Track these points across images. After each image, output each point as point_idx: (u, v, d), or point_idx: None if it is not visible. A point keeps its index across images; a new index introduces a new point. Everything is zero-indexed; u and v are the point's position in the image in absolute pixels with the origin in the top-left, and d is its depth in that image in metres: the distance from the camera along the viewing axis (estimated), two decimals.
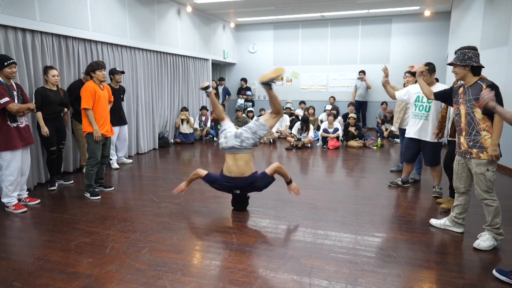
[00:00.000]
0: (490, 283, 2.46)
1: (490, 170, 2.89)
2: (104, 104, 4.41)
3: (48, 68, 4.52)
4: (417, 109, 4.32)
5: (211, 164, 6.50)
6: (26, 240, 3.24)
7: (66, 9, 5.17)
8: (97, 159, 4.32)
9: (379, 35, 10.38)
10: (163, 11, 7.66)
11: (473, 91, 2.90)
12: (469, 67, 2.89)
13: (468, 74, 2.92)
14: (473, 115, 2.91)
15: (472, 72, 2.91)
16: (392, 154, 7.16)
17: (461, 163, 3.11)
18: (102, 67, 4.33)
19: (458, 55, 2.95)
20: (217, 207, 4.02)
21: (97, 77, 4.31)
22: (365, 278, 2.52)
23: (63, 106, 4.70)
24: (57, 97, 4.57)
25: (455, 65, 2.96)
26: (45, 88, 4.51)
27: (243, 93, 11.25)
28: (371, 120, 10.64)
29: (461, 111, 3.02)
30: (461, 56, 2.92)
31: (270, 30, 11.35)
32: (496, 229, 2.94)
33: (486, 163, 2.88)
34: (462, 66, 2.91)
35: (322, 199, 4.24)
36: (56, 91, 4.59)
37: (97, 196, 4.29)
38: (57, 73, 4.55)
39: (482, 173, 2.90)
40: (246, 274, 2.58)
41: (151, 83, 7.35)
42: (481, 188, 2.92)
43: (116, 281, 2.49)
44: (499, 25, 5.85)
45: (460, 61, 2.91)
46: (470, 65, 2.88)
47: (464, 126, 2.99)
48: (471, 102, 2.91)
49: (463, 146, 3.02)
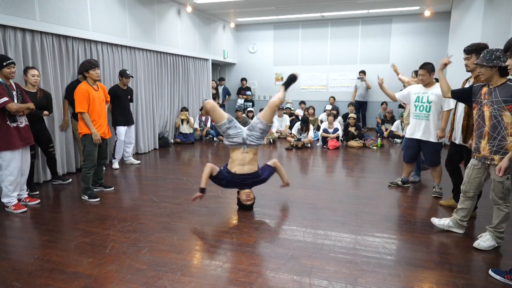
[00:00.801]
0: (490, 283, 2.46)
1: (510, 178, 2.64)
2: (100, 105, 4.28)
3: (28, 68, 4.31)
4: (417, 109, 4.30)
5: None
6: (26, 240, 3.24)
7: (66, 9, 5.17)
8: (94, 161, 4.25)
9: (379, 35, 10.38)
10: (163, 11, 7.66)
11: (502, 92, 2.68)
12: (497, 68, 2.70)
13: (495, 75, 2.73)
14: (500, 119, 2.70)
15: (499, 73, 2.72)
16: (392, 154, 7.16)
17: (477, 168, 2.94)
18: (95, 66, 4.19)
19: (484, 55, 2.76)
20: (217, 207, 4.02)
21: (91, 76, 4.17)
22: (365, 278, 2.51)
23: (42, 109, 4.42)
24: (34, 100, 4.22)
25: (481, 65, 2.76)
26: (24, 90, 4.12)
27: (243, 93, 11.25)
28: (371, 120, 10.64)
29: (484, 113, 2.79)
30: (487, 55, 2.73)
31: (270, 30, 11.35)
32: (499, 233, 2.91)
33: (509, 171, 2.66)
34: (489, 66, 2.71)
35: (322, 199, 4.24)
36: (34, 93, 4.33)
37: (95, 198, 4.23)
38: (37, 73, 4.35)
39: (501, 182, 2.75)
40: (246, 274, 2.57)
41: (151, 83, 7.35)
42: (497, 195, 2.82)
43: (116, 281, 2.48)
44: (499, 25, 5.84)
45: (487, 61, 2.72)
46: (498, 66, 2.68)
47: (488, 130, 2.77)
48: (500, 104, 2.68)
49: (484, 151, 2.82)
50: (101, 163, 4.53)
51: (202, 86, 9.52)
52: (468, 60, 3.38)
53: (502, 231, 2.90)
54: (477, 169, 2.96)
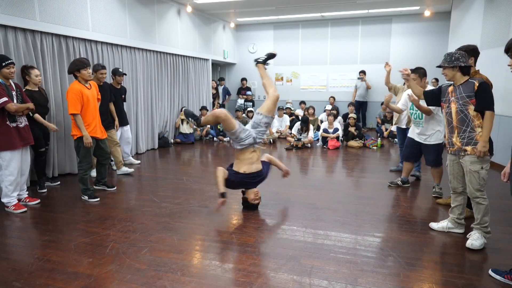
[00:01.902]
0: (490, 283, 2.46)
1: (484, 168, 2.91)
2: (94, 105, 4.22)
3: (29, 68, 4.28)
4: (413, 116, 4.40)
5: (211, 164, 6.50)
6: (26, 240, 3.24)
7: (66, 9, 5.17)
8: (89, 163, 4.23)
9: (379, 35, 10.38)
10: (163, 11, 7.66)
11: (464, 88, 2.94)
12: (458, 68, 2.95)
13: (457, 75, 2.98)
14: (466, 112, 2.94)
15: (461, 72, 2.96)
16: (392, 154, 7.15)
17: (456, 162, 3.11)
18: (87, 65, 4.08)
19: (445, 58, 3.01)
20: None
21: (83, 76, 4.07)
22: (365, 278, 2.51)
23: (47, 107, 4.56)
24: (42, 98, 4.40)
25: (443, 67, 3.02)
26: (29, 89, 4.27)
27: (243, 93, 11.25)
28: (371, 120, 10.64)
29: (452, 109, 3.03)
30: (448, 58, 2.99)
31: (270, 30, 11.35)
32: (484, 227, 2.96)
33: (481, 161, 2.90)
34: (451, 67, 2.97)
35: (322, 199, 4.24)
36: (38, 91, 4.40)
37: (95, 198, 4.22)
38: (39, 73, 4.36)
39: (476, 171, 2.92)
40: (246, 274, 2.57)
41: (151, 83, 7.35)
42: (474, 187, 2.94)
43: (116, 281, 2.48)
44: (499, 25, 5.85)
45: (448, 63, 2.97)
46: (458, 66, 2.94)
47: (457, 124, 3.01)
48: (464, 100, 2.93)
49: (456, 144, 3.03)
50: (105, 163, 4.53)
51: (202, 86, 9.52)
52: None
53: (486, 225, 2.96)
54: (456, 163, 3.12)
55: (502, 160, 5.82)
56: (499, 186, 4.48)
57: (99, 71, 4.89)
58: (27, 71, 4.28)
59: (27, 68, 4.29)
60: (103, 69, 4.93)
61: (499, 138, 5.74)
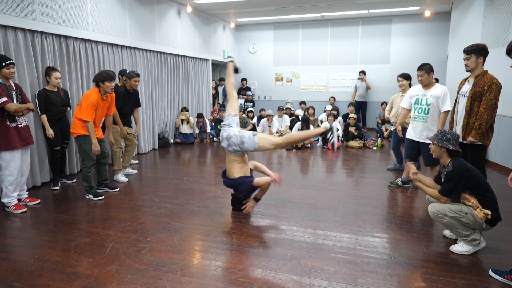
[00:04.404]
0: (490, 283, 2.46)
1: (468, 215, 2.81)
2: (101, 113, 4.37)
3: (52, 70, 4.50)
4: (416, 111, 4.32)
5: (211, 164, 6.50)
6: (26, 240, 3.24)
7: (66, 9, 5.17)
8: (93, 160, 4.29)
9: (379, 35, 10.38)
10: (163, 11, 7.66)
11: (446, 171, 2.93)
12: (445, 149, 2.93)
13: (443, 155, 2.96)
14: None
15: (448, 154, 2.94)
16: (392, 155, 7.15)
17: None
18: (112, 78, 4.25)
19: (437, 134, 2.99)
20: (217, 207, 4.02)
21: (105, 88, 4.24)
22: (365, 278, 2.52)
23: (65, 106, 4.72)
24: (58, 98, 4.59)
25: (432, 142, 2.98)
26: (46, 89, 4.51)
27: (243, 93, 11.25)
28: (371, 121, 10.64)
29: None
30: (440, 135, 2.96)
31: (270, 31, 11.35)
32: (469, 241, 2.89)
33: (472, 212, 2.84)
34: (439, 146, 2.94)
35: (322, 199, 4.24)
36: (57, 92, 4.61)
37: (99, 196, 4.27)
38: (59, 76, 4.57)
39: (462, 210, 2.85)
40: (246, 274, 2.58)
41: (151, 83, 7.35)
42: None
43: (116, 281, 2.48)
44: (499, 25, 5.85)
45: (437, 141, 2.94)
46: (446, 147, 2.91)
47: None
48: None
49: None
50: (104, 162, 4.54)
51: (202, 86, 9.52)
52: (468, 60, 3.53)
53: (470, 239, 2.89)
54: None
55: (502, 161, 5.82)
56: (498, 186, 4.48)
57: (133, 78, 5.14)
58: (49, 72, 4.52)
59: (50, 69, 4.52)
60: (137, 76, 5.22)
61: (499, 138, 5.75)
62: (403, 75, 5.31)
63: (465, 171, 2.84)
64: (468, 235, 2.84)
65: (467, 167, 2.88)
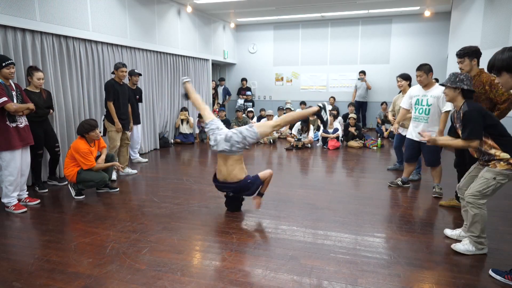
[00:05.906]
0: (490, 283, 2.46)
1: (497, 180, 2.69)
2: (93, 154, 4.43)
3: (34, 70, 4.29)
4: (417, 112, 4.32)
5: (211, 164, 6.50)
6: (26, 240, 3.24)
7: (66, 9, 5.17)
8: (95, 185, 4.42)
9: (379, 35, 10.38)
10: (163, 11, 7.66)
11: (460, 115, 2.84)
12: (459, 90, 2.87)
13: (458, 97, 2.90)
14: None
15: (462, 95, 2.88)
16: (392, 154, 7.15)
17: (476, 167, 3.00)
18: (95, 127, 4.30)
19: (450, 77, 2.94)
20: (217, 207, 4.02)
21: (91, 137, 4.32)
22: (365, 278, 2.51)
23: (48, 109, 4.51)
24: (41, 100, 4.35)
25: (445, 86, 2.94)
26: (28, 90, 4.26)
27: (243, 93, 11.25)
28: (371, 121, 10.64)
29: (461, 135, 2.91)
30: (452, 77, 2.91)
31: (270, 31, 11.35)
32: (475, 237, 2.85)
33: (497, 173, 2.69)
34: (453, 88, 2.89)
35: (322, 199, 4.24)
36: (39, 93, 4.37)
37: (81, 196, 4.33)
38: (42, 76, 4.36)
39: (486, 178, 2.73)
40: (246, 274, 2.57)
41: (151, 83, 7.35)
42: (473, 189, 2.79)
43: (116, 281, 2.48)
44: (499, 25, 5.85)
45: (451, 83, 2.90)
46: (460, 88, 2.85)
47: (473, 150, 2.92)
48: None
49: (480, 161, 2.93)
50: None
51: (202, 86, 9.52)
52: (461, 64, 3.53)
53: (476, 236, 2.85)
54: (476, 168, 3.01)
55: None
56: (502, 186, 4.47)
57: (120, 69, 5.23)
58: (31, 72, 4.29)
59: (32, 69, 4.30)
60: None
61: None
62: (402, 76, 5.30)
63: (481, 108, 2.78)
64: (478, 236, 2.80)
65: (481, 106, 2.84)
